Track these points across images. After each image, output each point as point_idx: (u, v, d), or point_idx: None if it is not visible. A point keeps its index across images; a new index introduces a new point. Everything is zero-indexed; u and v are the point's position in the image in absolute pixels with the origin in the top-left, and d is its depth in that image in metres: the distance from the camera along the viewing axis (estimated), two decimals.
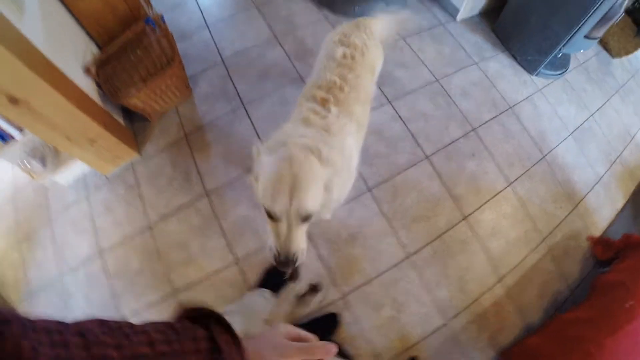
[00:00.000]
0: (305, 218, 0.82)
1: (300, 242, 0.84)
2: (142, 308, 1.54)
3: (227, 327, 0.47)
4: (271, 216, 0.83)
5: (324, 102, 1.10)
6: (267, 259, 1.55)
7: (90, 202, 1.80)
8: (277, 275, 1.51)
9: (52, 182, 1.81)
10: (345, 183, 1.06)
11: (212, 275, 1.58)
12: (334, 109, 1.08)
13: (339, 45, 1.23)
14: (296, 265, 0.84)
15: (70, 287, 1.62)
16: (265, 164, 0.85)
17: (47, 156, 1.78)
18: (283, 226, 0.82)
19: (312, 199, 0.81)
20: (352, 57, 1.19)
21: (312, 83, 1.20)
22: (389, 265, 1.59)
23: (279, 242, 0.83)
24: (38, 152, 1.78)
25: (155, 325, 0.42)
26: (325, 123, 1.05)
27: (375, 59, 1.31)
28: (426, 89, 2.04)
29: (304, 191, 0.79)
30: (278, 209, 0.80)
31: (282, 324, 0.54)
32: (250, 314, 1.12)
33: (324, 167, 0.85)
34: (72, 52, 1.66)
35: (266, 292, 1.38)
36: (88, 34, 1.83)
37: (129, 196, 1.77)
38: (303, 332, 0.54)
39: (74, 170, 1.84)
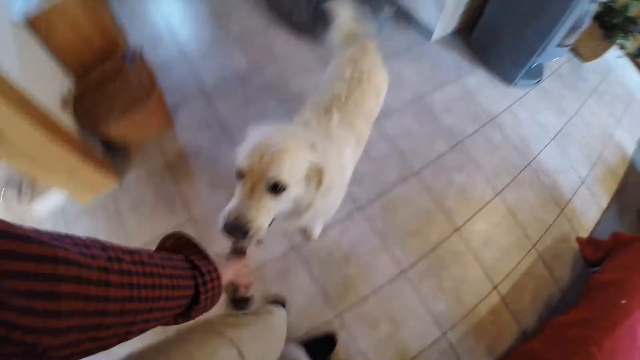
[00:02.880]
0: (274, 187, 0.75)
1: (260, 214, 0.74)
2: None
3: (198, 251, 0.60)
4: (240, 175, 0.78)
5: (327, 111, 1.13)
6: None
7: (68, 232, 1.74)
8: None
9: (28, 213, 1.72)
10: (335, 194, 1.03)
11: None
12: (335, 117, 1.11)
13: (347, 67, 1.27)
14: (246, 238, 0.73)
15: None
16: (253, 135, 0.84)
17: (23, 186, 1.71)
18: (247, 186, 0.75)
19: (287, 168, 0.75)
20: (359, 79, 1.24)
21: (317, 97, 1.23)
22: (384, 282, 1.59)
23: (235, 206, 0.74)
24: (13, 182, 1.71)
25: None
26: (326, 129, 1.08)
27: (380, 84, 1.35)
28: (410, 108, 2.09)
29: (279, 155, 0.75)
30: (248, 162, 0.76)
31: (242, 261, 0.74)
32: None
33: (312, 151, 0.82)
34: (47, 85, 1.61)
35: None
36: (64, 67, 1.79)
37: (111, 225, 1.73)
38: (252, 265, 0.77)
39: (51, 200, 1.77)
